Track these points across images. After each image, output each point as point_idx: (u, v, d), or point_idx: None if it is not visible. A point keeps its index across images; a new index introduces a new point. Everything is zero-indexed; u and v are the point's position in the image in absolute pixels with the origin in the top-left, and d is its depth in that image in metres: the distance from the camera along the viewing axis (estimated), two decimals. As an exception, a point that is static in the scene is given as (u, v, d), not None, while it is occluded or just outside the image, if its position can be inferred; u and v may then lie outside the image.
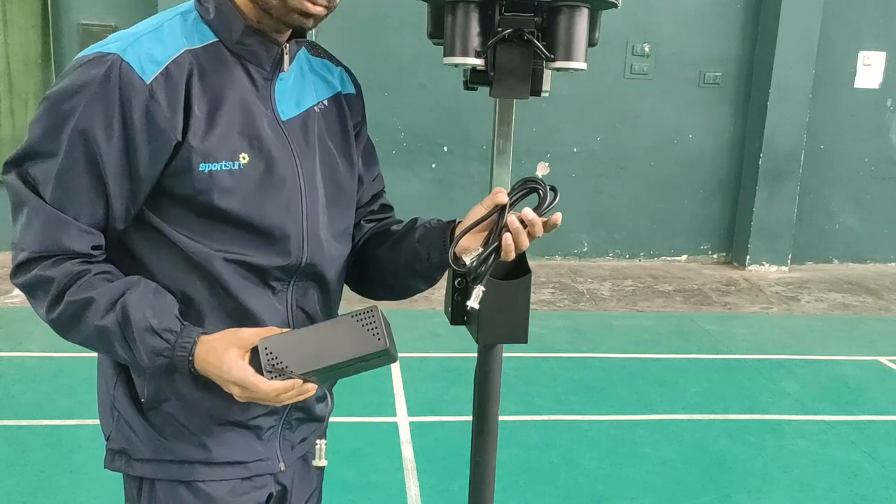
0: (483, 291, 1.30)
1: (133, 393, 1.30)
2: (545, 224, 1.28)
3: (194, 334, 1.20)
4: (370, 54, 6.61)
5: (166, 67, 1.18)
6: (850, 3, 7.05)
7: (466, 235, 1.29)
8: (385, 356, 1.22)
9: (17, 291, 5.66)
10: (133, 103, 1.15)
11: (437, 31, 1.44)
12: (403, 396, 4.05)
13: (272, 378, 1.18)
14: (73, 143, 1.15)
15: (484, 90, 1.47)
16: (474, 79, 1.46)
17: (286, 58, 1.29)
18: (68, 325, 1.20)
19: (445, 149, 6.86)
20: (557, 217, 1.28)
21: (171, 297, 1.23)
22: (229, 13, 1.24)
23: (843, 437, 3.82)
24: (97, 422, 1.39)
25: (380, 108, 6.70)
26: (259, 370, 1.18)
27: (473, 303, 1.29)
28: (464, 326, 1.56)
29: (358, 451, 3.45)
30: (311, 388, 1.22)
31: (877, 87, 7.27)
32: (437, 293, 5.52)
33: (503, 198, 1.27)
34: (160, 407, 1.29)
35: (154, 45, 1.19)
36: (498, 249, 1.27)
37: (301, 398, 1.23)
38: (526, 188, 1.29)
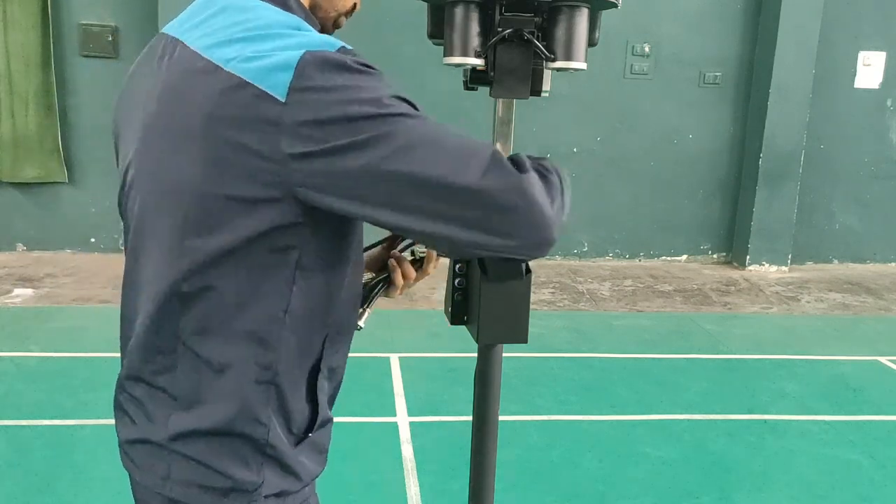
0: (370, 313, 1.41)
1: (290, 429, 1.24)
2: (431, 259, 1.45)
3: None
4: (370, 54, 6.53)
5: None
6: (850, 3, 7.06)
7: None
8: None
9: (17, 291, 5.67)
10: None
11: (437, 31, 1.44)
12: (403, 396, 4.06)
13: None
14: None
15: (484, 90, 1.47)
16: (474, 79, 1.46)
17: None
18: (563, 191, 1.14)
19: (445, 149, 6.86)
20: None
21: None
22: (314, 23, 1.25)
23: (843, 436, 3.82)
24: (98, 422, 1.38)
25: (380, 108, 6.70)
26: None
27: (361, 322, 1.38)
28: (464, 326, 1.56)
29: (358, 451, 3.46)
30: None
31: (877, 87, 7.27)
32: (437, 293, 5.53)
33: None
34: (311, 434, 1.27)
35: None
36: (387, 279, 1.44)
37: None
38: None
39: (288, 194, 1.08)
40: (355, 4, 1.32)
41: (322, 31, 1.28)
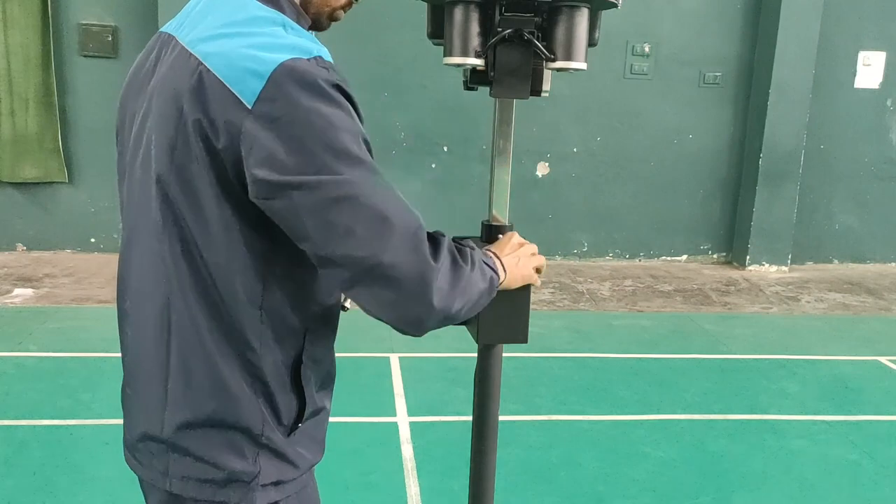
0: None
1: (279, 420, 1.27)
2: None
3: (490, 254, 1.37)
4: (369, 54, 6.61)
5: None
6: (850, 3, 7.05)
7: None
8: None
9: (17, 291, 5.67)
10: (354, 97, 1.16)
11: (437, 31, 1.44)
12: (403, 396, 4.05)
13: None
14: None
15: (484, 90, 1.47)
16: (474, 79, 1.46)
17: None
18: (470, 284, 1.22)
19: (445, 149, 6.86)
20: None
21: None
22: (304, 19, 1.25)
23: (843, 437, 3.82)
24: (97, 422, 1.39)
25: (380, 108, 6.70)
26: None
27: (347, 304, 1.39)
28: (464, 326, 1.56)
29: (358, 451, 3.45)
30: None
31: (877, 87, 7.27)
32: (437, 293, 5.51)
33: None
34: (301, 425, 1.30)
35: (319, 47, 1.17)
36: None
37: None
38: None
39: (245, 192, 1.12)
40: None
41: (315, 26, 1.29)
